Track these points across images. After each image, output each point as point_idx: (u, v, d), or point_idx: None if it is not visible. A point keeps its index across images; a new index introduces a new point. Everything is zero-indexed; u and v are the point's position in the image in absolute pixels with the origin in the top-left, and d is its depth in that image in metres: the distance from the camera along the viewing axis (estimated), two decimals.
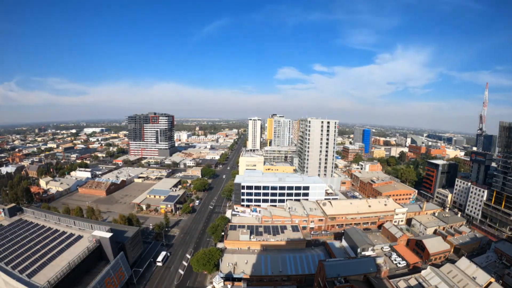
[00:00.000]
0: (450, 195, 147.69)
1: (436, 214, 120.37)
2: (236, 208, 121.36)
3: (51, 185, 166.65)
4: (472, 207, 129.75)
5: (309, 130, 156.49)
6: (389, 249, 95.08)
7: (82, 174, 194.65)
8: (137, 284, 77.73)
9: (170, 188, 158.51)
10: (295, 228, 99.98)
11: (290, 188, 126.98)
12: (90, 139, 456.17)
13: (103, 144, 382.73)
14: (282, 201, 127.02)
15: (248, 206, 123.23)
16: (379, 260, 74.95)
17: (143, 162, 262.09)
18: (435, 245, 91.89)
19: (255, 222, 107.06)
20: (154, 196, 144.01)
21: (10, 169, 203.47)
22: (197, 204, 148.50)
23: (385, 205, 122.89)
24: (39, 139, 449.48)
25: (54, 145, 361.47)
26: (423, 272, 73.93)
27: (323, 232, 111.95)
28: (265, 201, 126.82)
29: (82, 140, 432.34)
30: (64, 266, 65.25)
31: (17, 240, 76.10)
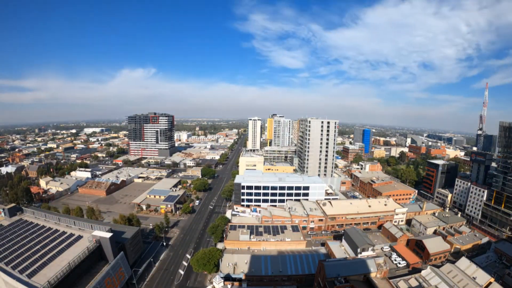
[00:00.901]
0: (450, 195, 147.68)
1: (436, 214, 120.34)
2: (236, 208, 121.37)
3: (51, 185, 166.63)
4: (472, 207, 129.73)
5: (309, 130, 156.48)
6: (389, 249, 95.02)
7: (82, 174, 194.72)
8: (137, 284, 77.74)
9: (170, 188, 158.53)
10: (295, 228, 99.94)
11: (290, 188, 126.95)
12: (90, 139, 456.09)
13: (103, 144, 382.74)
14: (282, 201, 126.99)
15: (248, 206, 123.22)
16: (379, 260, 74.91)
17: (143, 162, 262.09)
18: (435, 245, 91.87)
19: (255, 222, 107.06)
20: (154, 196, 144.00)
21: (10, 169, 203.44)
22: (197, 204, 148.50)
23: (385, 205, 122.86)
24: (39, 139, 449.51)
25: (54, 145, 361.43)
26: (423, 272, 73.88)
27: (323, 232, 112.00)
28: (265, 201, 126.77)
29: (82, 140, 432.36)
30: (64, 266, 65.20)
31: (17, 240, 76.08)
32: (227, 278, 73.16)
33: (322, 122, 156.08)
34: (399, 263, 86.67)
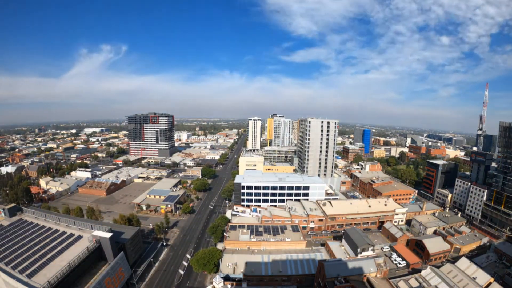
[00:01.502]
0: (450, 195, 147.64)
1: (436, 214, 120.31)
2: (236, 208, 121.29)
3: (51, 185, 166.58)
4: (472, 207, 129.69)
5: (309, 130, 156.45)
6: (389, 249, 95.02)
7: (82, 174, 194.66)
8: (137, 284, 77.71)
9: (170, 188, 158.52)
10: (295, 228, 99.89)
11: (290, 188, 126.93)
12: (90, 139, 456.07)
13: (103, 144, 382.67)
14: (282, 201, 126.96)
15: (248, 206, 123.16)
16: (379, 260, 74.93)
17: (143, 162, 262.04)
18: (435, 245, 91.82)
19: (255, 222, 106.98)
20: (154, 196, 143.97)
21: (10, 169, 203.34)
22: (196, 204, 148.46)
23: (385, 205, 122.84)
24: (39, 139, 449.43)
25: (54, 145, 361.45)
26: (423, 272, 73.88)
27: (323, 232, 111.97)
28: (265, 201, 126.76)
29: (82, 140, 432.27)
30: (64, 266, 65.21)
31: (17, 240, 76.08)
32: (227, 278, 73.15)
33: (322, 122, 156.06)
34: (399, 263, 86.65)
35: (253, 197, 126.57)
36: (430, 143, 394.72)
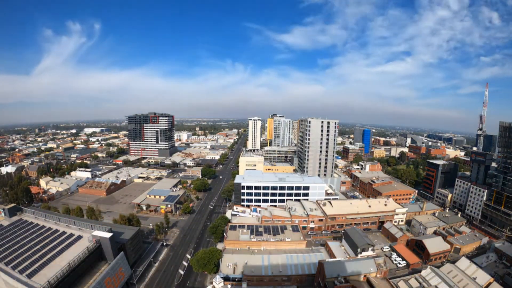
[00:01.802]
0: (450, 195, 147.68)
1: (436, 214, 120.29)
2: (236, 208, 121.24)
3: (51, 185, 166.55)
4: (472, 207, 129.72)
5: (309, 130, 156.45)
6: (389, 249, 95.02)
7: (82, 174, 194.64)
8: (137, 284, 77.70)
9: (170, 188, 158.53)
10: (295, 228, 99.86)
11: (290, 188, 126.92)
12: (90, 139, 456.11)
13: (103, 144, 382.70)
14: (282, 201, 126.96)
15: (248, 206, 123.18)
16: (379, 260, 75.01)
17: (143, 162, 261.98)
18: (435, 245, 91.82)
19: (255, 222, 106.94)
20: (154, 196, 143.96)
21: (10, 169, 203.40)
22: (196, 204, 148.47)
23: (385, 205, 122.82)
24: (39, 139, 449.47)
25: (54, 145, 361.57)
26: (423, 272, 73.93)
27: (323, 232, 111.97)
28: (265, 201, 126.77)
29: (82, 140, 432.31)
30: (64, 266, 65.21)
31: (17, 240, 76.07)
32: (227, 278, 73.19)
33: (322, 122, 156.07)
34: (399, 263, 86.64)
35: (253, 197, 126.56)
36: (430, 143, 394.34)
